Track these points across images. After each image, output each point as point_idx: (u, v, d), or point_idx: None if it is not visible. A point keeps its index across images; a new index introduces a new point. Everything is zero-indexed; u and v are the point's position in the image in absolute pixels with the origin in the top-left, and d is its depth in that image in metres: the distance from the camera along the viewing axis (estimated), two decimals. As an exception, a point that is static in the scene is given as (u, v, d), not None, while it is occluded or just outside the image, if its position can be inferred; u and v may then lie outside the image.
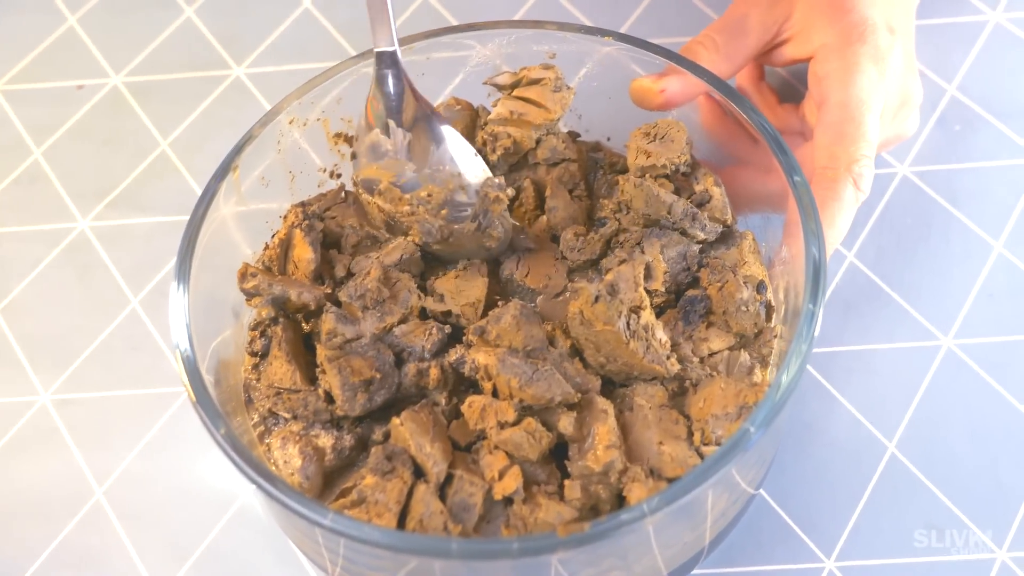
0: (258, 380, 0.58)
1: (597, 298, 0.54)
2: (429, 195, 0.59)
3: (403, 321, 0.58)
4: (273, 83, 0.84)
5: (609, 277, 0.55)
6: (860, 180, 0.61)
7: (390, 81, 0.60)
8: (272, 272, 0.61)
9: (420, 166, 0.60)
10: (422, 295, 0.60)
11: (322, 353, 0.56)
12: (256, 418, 0.58)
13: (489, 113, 0.67)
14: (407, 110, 0.60)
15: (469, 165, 0.60)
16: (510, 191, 0.60)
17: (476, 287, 0.60)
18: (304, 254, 0.61)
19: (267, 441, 0.57)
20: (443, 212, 0.59)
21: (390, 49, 0.59)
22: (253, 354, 0.59)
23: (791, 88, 0.78)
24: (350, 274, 0.61)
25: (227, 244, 0.62)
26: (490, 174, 0.61)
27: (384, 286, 0.58)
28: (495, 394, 0.54)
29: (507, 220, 0.60)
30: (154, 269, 0.76)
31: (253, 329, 0.59)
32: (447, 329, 0.58)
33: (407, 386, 0.56)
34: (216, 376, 0.57)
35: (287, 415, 0.56)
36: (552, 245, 0.63)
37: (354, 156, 0.63)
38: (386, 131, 0.61)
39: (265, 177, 0.63)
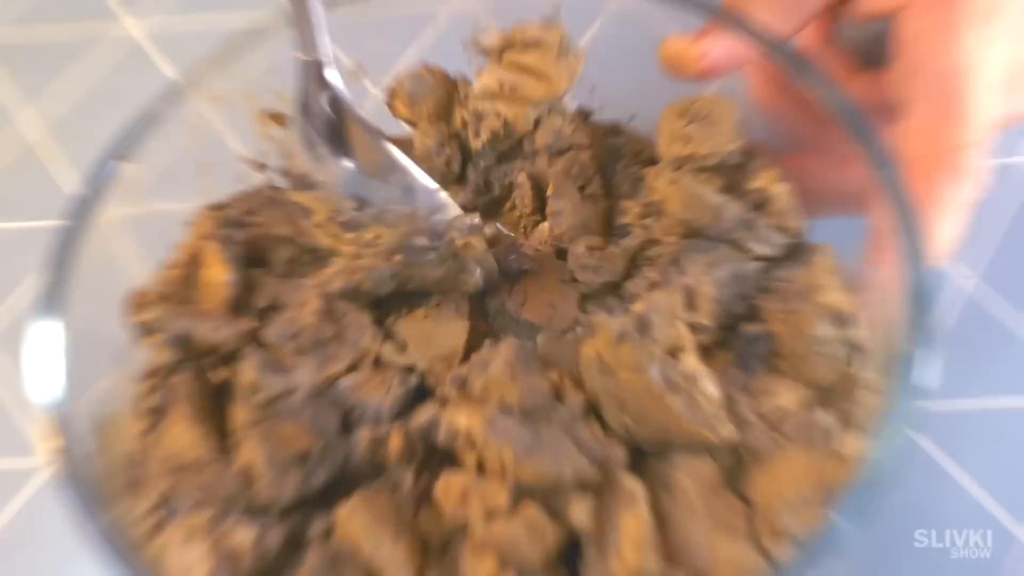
0: (152, 449, 0.54)
1: (621, 337, 0.51)
2: (377, 237, 0.58)
3: (352, 369, 0.55)
4: (180, 42, 0.82)
5: (638, 308, 0.53)
6: (969, 173, 0.58)
7: (319, 99, 0.60)
8: (174, 301, 0.58)
9: (362, 204, 0.59)
10: (379, 335, 0.57)
11: (240, 415, 0.53)
12: (148, 504, 0.53)
13: (471, 85, 0.65)
14: (345, 135, 0.60)
15: (428, 201, 0.59)
16: (488, 228, 0.59)
17: (452, 333, 0.57)
18: (218, 276, 0.58)
19: (162, 538, 0.52)
20: (396, 258, 0.57)
21: (314, 59, 0.59)
22: (146, 413, 0.55)
23: (874, 50, 0.74)
24: (276, 306, 0.58)
25: (112, 260, 0.59)
26: (457, 209, 0.60)
27: (326, 322, 0.56)
28: (481, 470, 0.50)
29: (488, 261, 0.58)
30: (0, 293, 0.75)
31: (146, 379, 0.56)
32: (413, 380, 0.55)
33: (359, 460, 0.53)
34: (97, 443, 0.54)
35: (190, 500, 0.52)
36: (558, 263, 0.61)
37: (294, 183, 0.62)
38: (315, 157, 0.60)
39: (167, 170, 0.61)
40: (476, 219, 0.58)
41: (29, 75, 0.82)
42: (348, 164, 0.60)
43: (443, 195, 0.60)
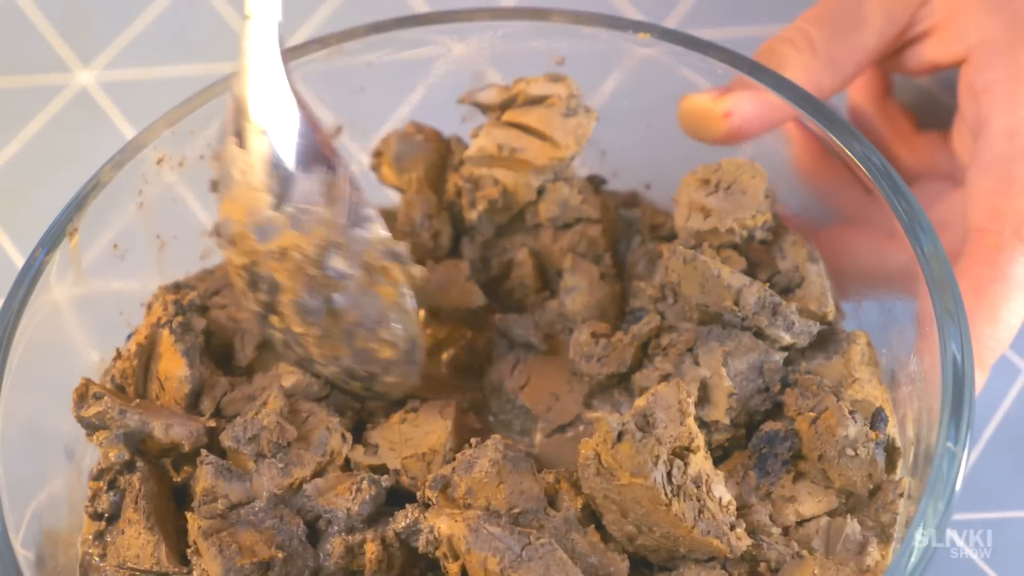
0: (103, 556, 0.60)
1: (621, 435, 0.56)
2: (283, 251, 0.60)
3: (319, 474, 0.60)
4: (136, 95, 0.87)
5: (640, 403, 0.57)
6: None
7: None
8: (126, 394, 0.63)
9: (280, 198, 0.61)
10: (348, 437, 0.62)
11: (195, 524, 0.58)
12: None
13: (466, 148, 0.70)
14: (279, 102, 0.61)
15: (356, 214, 0.61)
16: (420, 270, 0.61)
17: (433, 433, 0.62)
18: (174, 369, 0.63)
19: None
20: (311, 273, 0.60)
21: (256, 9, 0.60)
22: (96, 516, 0.61)
23: (936, 107, 0.80)
24: (233, 406, 0.63)
25: (60, 346, 0.65)
26: (384, 232, 0.61)
27: (289, 423, 0.61)
28: None
29: (411, 322, 0.62)
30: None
31: (96, 479, 0.61)
32: (384, 482, 0.60)
33: (331, 572, 0.58)
34: (38, 552, 0.59)
35: None
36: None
37: (215, 187, 0.64)
38: (239, 141, 0.61)
39: (120, 244, 0.67)
40: (402, 248, 0.60)
41: None
42: (269, 141, 0.60)
43: (370, 210, 0.61)
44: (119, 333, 0.68)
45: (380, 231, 0.61)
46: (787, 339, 0.63)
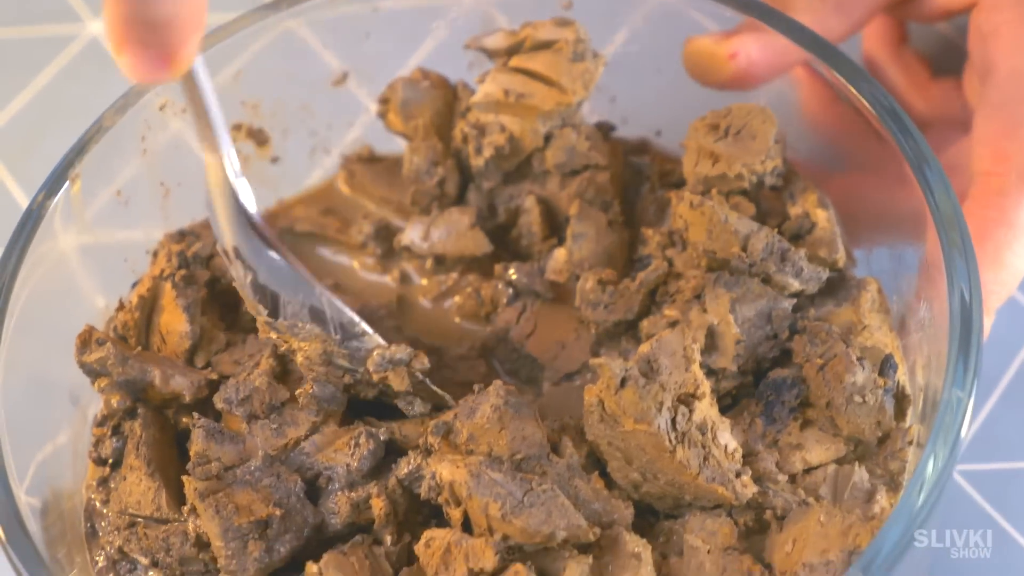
0: (106, 502, 0.61)
1: (624, 381, 0.56)
2: (294, 349, 0.61)
3: (314, 432, 0.61)
4: None
5: (644, 349, 0.57)
6: None
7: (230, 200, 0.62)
8: (128, 344, 0.64)
9: (273, 314, 0.62)
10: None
11: (191, 486, 0.58)
12: (102, 560, 0.61)
13: (473, 94, 0.70)
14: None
15: (345, 329, 0.63)
16: (417, 362, 0.61)
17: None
18: (175, 324, 0.64)
19: None
20: (319, 370, 0.61)
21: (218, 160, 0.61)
22: (100, 462, 0.62)
23: (954, 54, 0.80)
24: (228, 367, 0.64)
25: (65, 293, 0.65)
26: (377, 340, 0.63)
27: (280, 382, 0.61)
28: (467, 527, 0.56)
29: (434, 394, 0.62)
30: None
31: (100, 425, 0.62)
32: (382, 435, 0.60)
33: (337, 528, 0.59)
34: (44, 500, 0.60)
35: (144, 559, 0.59)
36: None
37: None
38: (225, 255, 0.63)
39: (124, 191, 0.67)
40: (402, 353, 0.60)
41: None
42: (249, 272, 0.62)
43: (362, 325, 0.64)
44: (124, 280, 0.68)
45: (376, 340, 0.63)
46: (796, 285, 0.62)
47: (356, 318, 0.63)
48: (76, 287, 0.66)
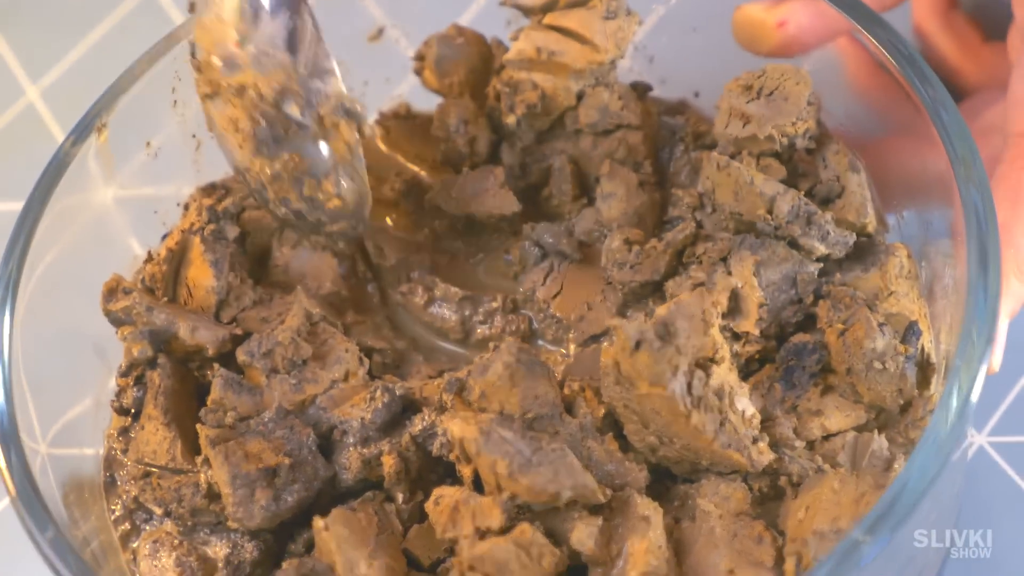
0: (125, 451, 0.62)
1: (639, 343, 0.56)
2: (241, 88, 0.61)
3: (332, 388, 0.61)
4: None
5: (662, 311, 0.57)
6: None
7: None
8: (155, 295, 0.64)
9: (244, 36, 0.62)
10: (365, 360, 0.63)
11: (203, 433, 0.59)
12: (120, 510, 0.62)
13: (507, 51, 0.70)
14: None
15: (317, 66, 0.63)
16: (372, 128, 0.62)
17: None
18: (203, 279, 0.64)
19: (132, 545, 0.60)
20: (267, 111, 0.61)
21: None
22: (122, 412, 0.62)
23: (1008, 17, 0.78)
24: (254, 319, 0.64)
25: (96, 245, 0.66)
26: (340, 86, 0.63)
27: (306, 341, 0.62)
28: (478, 486, 0.56)
29: (359, 180, 0.63)
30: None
31: (123, 375, 0.63)
32: (399, 390, 0.60)
33: (349, 484, 0.59)
34: (66, 452, 0.61)
35: (158, 509, 0.60)
36: None
37: (192, 7, 0.65)
38: None
39: (154, 143, 0.68)
40: (358, 106, 0.61)
41: (38, 34, 0.89)
42: None
43: (331, 64, 0.63)
44: (155, 233, 0.69)
45: (338, 86, 0.63)
46: (822, 249, 0.62)
47: (330, 51, 0.63)
48: (106, 238, 0.67)
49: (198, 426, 0.60)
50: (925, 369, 0.60)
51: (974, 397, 0.53)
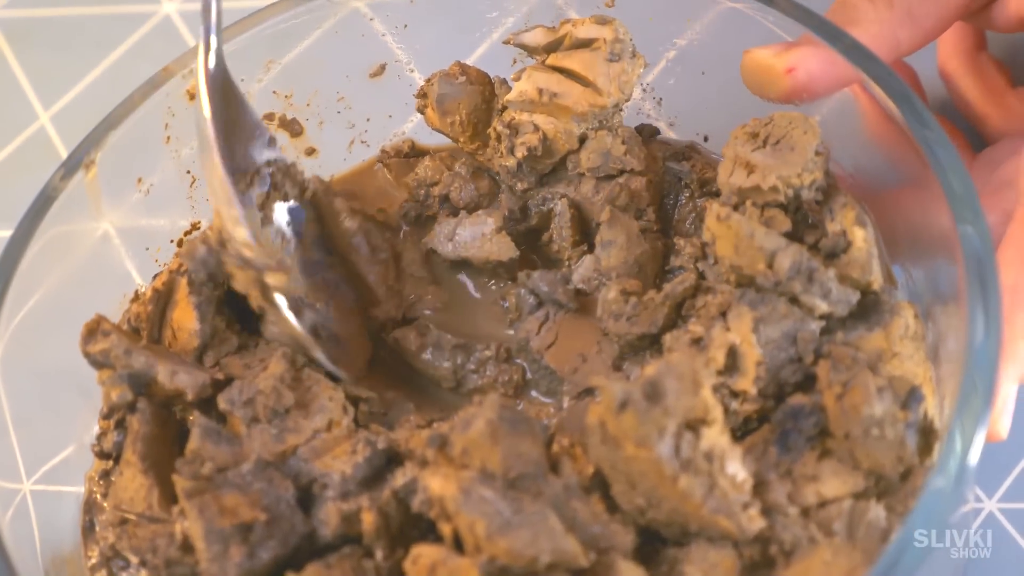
0: (105, 496, 0.61)
1: (625, 404, 0.55)
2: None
3: (313, 439, 0.60)
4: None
5: (650, 371, 0.55)
6: None
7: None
8: (138, 336, 0.64)
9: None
10: (349, 408, 0.62)
11: (180, 485, 0.58)
12: (96, 556, 0.61)
13: (510, 90, 0.69)
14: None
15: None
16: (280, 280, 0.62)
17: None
18: (186, 321, 0.64)
19: None
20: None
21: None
22: (102, 456, 0.62)
23: None
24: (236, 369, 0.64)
25: (85, 281, 0.66)
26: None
27: (289, 388, 0.61)
28: (458, 544, 0.55)
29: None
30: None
31: (105, 418, 0.62)
32: (380, 443, 0.59)
33: (330, 537, 0.58)
34: (48, 493, 0.61)
35: (134, 558, 0.59)
36: None
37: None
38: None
39: (146, 179, 0.67)
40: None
41: (52, 56, 0.88)
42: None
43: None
44: (147, 269, 0.69)
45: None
46: (823, 307, 0.60)
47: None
48: (96, 274, 0.67)
49: (174, 477, 0.59)
50: (928, 435, 0.58)
51: (972, 460, 0.52)
